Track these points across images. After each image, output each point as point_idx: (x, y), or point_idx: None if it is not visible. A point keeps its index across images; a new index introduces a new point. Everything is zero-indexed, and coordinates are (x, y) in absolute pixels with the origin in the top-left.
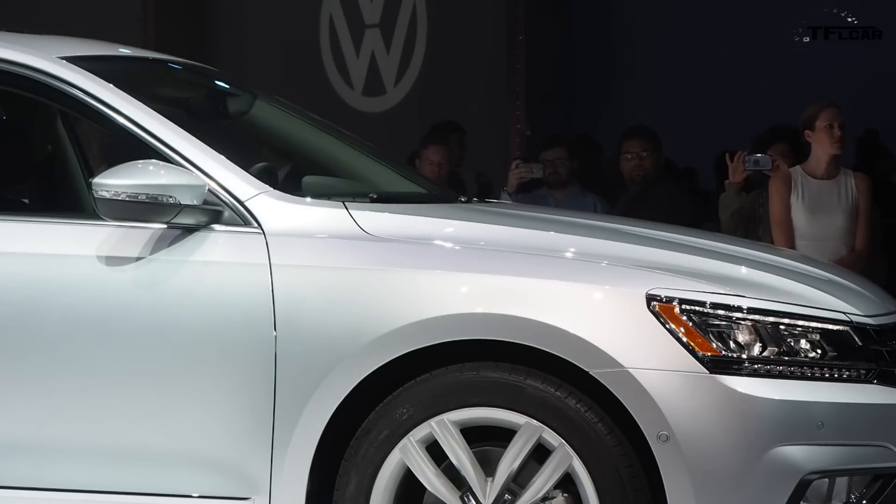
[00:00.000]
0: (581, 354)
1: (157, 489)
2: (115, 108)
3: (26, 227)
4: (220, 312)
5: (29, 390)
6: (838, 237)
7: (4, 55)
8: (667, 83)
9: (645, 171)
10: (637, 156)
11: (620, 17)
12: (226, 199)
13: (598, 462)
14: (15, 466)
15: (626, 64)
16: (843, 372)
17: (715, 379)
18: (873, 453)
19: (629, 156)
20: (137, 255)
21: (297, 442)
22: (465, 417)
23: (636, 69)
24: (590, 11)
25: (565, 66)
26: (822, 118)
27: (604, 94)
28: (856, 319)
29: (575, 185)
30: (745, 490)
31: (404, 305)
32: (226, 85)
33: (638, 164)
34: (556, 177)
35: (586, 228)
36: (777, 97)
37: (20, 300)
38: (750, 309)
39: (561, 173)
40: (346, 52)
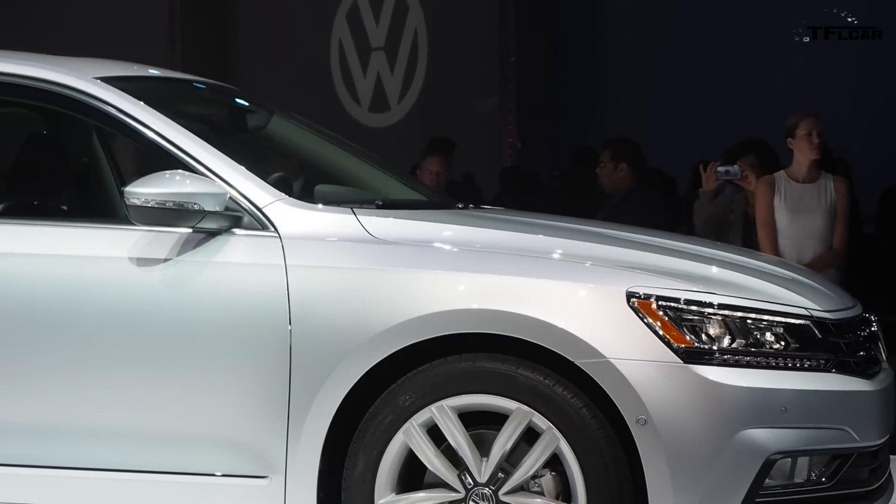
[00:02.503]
0: (567, 346)
1: (183, 468)
2: (145, 124)
3: (65, 232)
4: (240, 309)
5: (67, 379)
6: (818, 236)
7: (46, 76)
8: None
9: (614, 181)
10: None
11: (605, 39)
12: (245, 205)
13: (582, 444)
14: (56, 448)
15: (610, 82)
16: (805, 362)
17: (689, 368)
18: (832, 435)
19: (601, 165)
20: (165, 256)
21: (309, 426)
22: (462, 403)
23: (619, 87)
24: (576, 34)
25: (553, 84)
26: (801, 127)
27: (589, 109)
28: (816, 314)
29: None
30: (716, 469)
31: (407, 302)
32: (245, 102)
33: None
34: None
35: (572, 232)
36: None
37: (59, 297)
38: (720, 305)
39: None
40: (354, 72)
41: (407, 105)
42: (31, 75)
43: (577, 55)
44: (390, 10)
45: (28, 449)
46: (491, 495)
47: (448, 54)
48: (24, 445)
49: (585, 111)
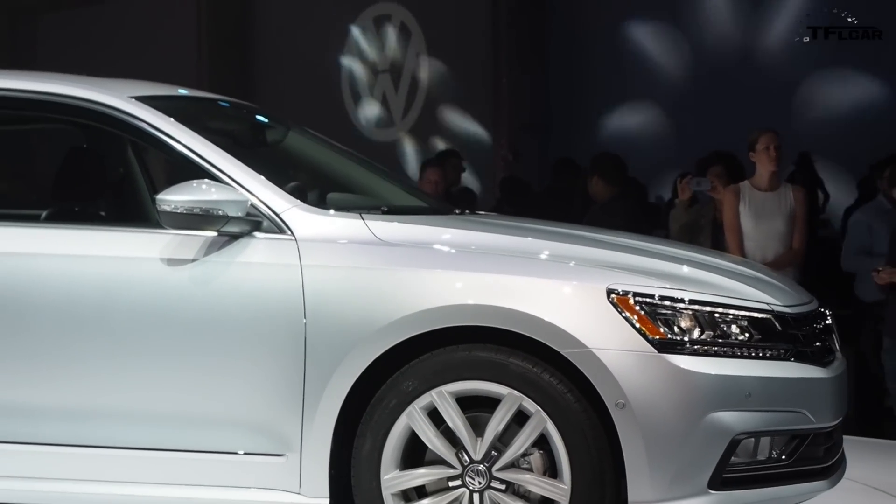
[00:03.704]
0: (554, 337)
1: (209, 447)
2: (175, 138)
3: (103, 235)
4: (260, 304)
5: (104, 367)
6: (778, 238)
7: (88, 95)
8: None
9: (595, 190)
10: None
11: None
12: (264, 211)
13: (567, 425)
14: (94, 429)
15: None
16: (766, 351)
17: (662, 357)
18: (791, 418)
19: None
20: (193, 257)
21: (322, 409)
22: (459, 389)
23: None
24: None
25: (541, 103)
26: (761, 142)
27: (573, 126)
28: (776, 309)
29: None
30: (687, 448)
31: (410, 298)
32: (264, 118)
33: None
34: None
35: (558, 235)
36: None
37: (98, 294)
38: (691, 300)
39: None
40: (362, 92)
41: (409, 122)
42: (74, 94)
43: (562, 79)
44: (395, 37)
45: (70, 430)
46: (485, 471)
47: (446, 78)
48: (66, 427)
49: (570, 128)
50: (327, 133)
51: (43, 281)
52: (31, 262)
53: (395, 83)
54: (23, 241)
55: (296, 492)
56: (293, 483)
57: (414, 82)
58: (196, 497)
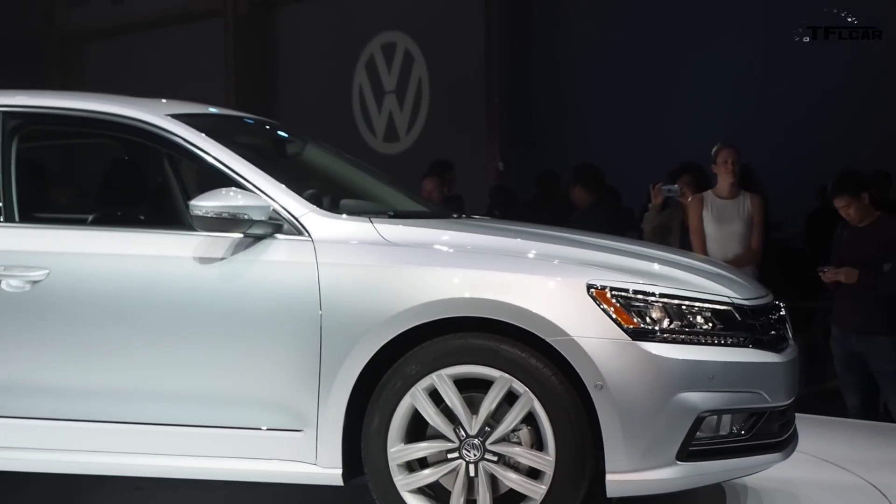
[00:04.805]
0: (540, 327)
1: (236, 424)
2: (206, 151)
3: (142, 236)
4: (281, 297)
5: (144, 353)
6: (738, 240)
7: (129, 113)
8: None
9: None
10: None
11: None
12: (285, 215)
13: (552, 404)
14: (136, 408)
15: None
16: (728, 339)
17: (636, 344)
18: (749, 397)
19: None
20: (222, 256)
21: (336, 390)
22: (456, 372)
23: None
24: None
25: (529, 121)
26: (720, 156)
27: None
28: (736, 302)
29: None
30: (658, 424)
31: (413, 292)
32: (285, 134)
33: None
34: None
35: (543, 236)
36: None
37: (138, 288)
38: (661, 294)
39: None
40: (371, 110)
41: (413, 136)
42: (118, 112)
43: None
44: (400, 61)
45: (115, 409)
46: (479, 445)
47: (445, 97)
48: (112, 406)
49: (553, 143)
50: (340, 146)
51: (90, 277)
52: (80, 261)
53: (400, 102)
54: (73, 241)
55: (312, 463)
56: (310, 455)
57: (417, 102)
58: (224, 468)
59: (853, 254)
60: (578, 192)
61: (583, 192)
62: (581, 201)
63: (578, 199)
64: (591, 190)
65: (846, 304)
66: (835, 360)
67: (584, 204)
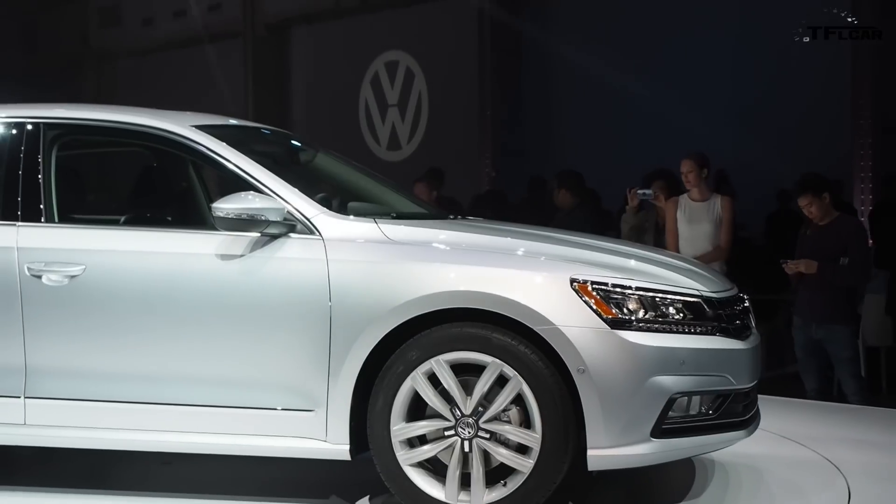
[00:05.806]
0: (528, 317)
1: (254, 404)
2: (227, 158)
3: (169, 235)
4: (295, 290)
5: (171, 341)
6: (707, 239)
7: (157, 125)
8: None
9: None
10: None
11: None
12: (298, 217)
13: (539, 387)
14: (163, 390)
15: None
16: (697, 328)
17: (614, 333)
18: (717, 381)
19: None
20: (241, 253)
21: (344, 374)
22: (453, 358)
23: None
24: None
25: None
26: (682, 166)
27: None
28: (704, 294)
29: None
30: (634, 405)
31: (414, 285)
32: (298, 143)
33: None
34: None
35: (531, 236)
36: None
37: (165, 282)
38: (637, 287)
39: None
40: (375, 121)
41: (413, 145)
42: (147, 124)
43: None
44: (402, 78)
45: (144, 391)
46: (473, 423)
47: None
48: (142, 388)
49: (542, 150)
50: (347, 154)
51: (122, 272)
52: (113, 257)
53: (402, 114)
54: (106, 240)
55: (322, 440)
56: (321, 433)
57: (417, 114)
58: (243, 444)
59: (815, 250)
60: (563, 195)
61: (567, 195)
62: (565, 203)
63: (562, 201)
64: (574, 193)
65: (807, 295)
66: (796, 346)
67: (567, 206)
